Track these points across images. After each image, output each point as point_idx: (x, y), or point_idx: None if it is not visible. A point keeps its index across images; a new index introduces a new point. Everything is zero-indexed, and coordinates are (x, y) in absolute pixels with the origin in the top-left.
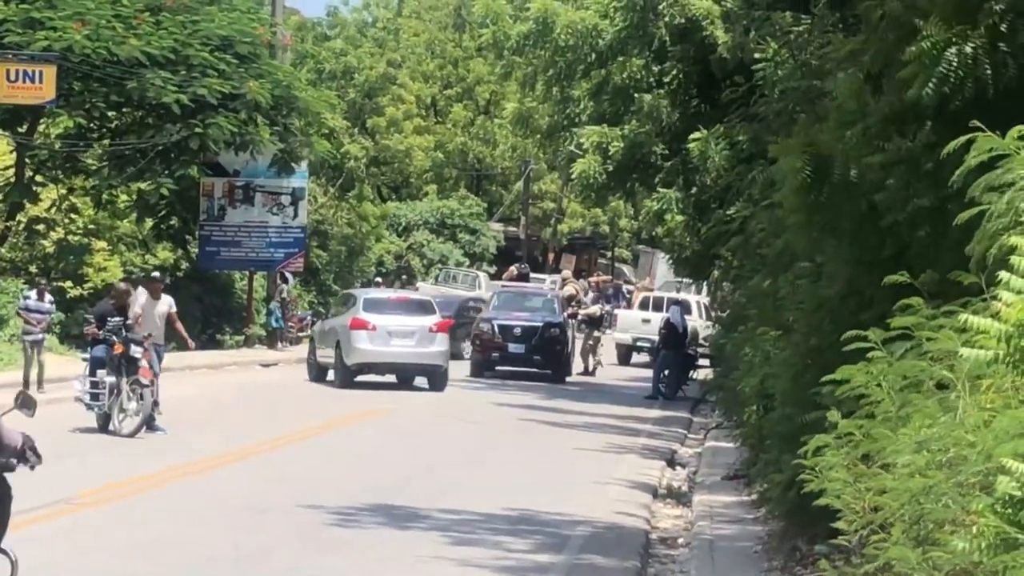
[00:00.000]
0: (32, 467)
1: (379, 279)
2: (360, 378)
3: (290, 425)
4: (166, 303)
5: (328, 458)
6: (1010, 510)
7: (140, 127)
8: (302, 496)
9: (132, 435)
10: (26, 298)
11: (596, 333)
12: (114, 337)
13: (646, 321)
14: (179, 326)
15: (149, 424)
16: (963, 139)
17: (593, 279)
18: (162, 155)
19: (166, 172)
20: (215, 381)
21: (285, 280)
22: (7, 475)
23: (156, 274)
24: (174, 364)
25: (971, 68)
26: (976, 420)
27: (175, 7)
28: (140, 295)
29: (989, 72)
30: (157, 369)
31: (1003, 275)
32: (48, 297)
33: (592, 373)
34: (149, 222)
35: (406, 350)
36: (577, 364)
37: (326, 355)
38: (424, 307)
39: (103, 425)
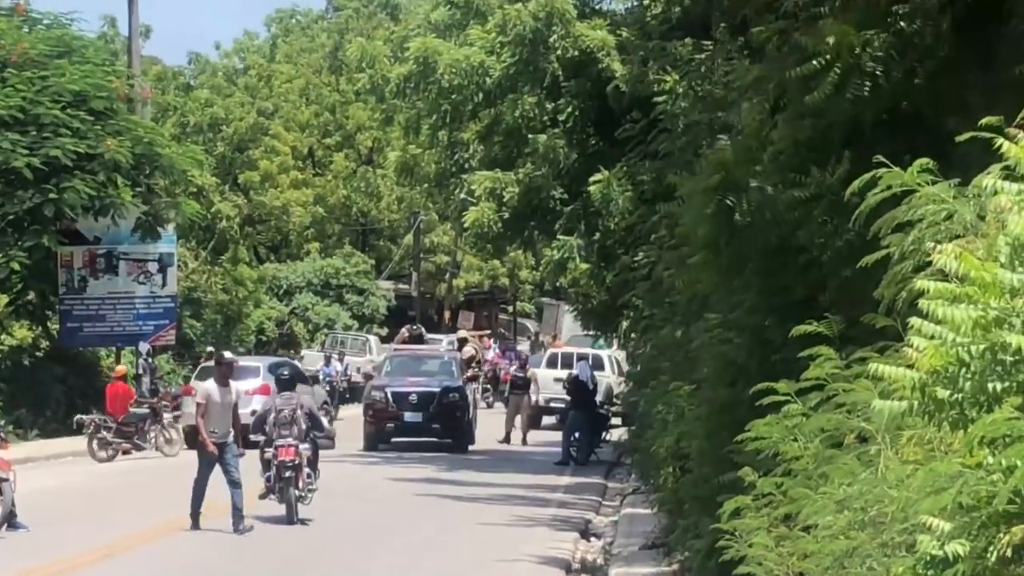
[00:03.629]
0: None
1: (211, 348)
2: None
3: (165, 514)
4: (234, 391)
5: (209, 549)
6: (932, 571)
7: None
8: None
9: None
10: None
11: (533, 397)
12: None
13: (558, 380)
14: (239, 423)
15: (10, 521)
16: (867, 176)
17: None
18: (14, 224)
19: (18, 243)
20: (83, 470)
21: (141, 355)
22: None
23: (228, 354)
24: (36, 453)
25: (882, 70)
26: (898, 475)
27: (21, 62)
28: (205, 384)
29: (898, 79)
30: (236, 476)
31: (914, 320)
32: None
33: (522, 441)
34: (3, 298)
35: None
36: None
37: None
38: (249, 372)
39: None
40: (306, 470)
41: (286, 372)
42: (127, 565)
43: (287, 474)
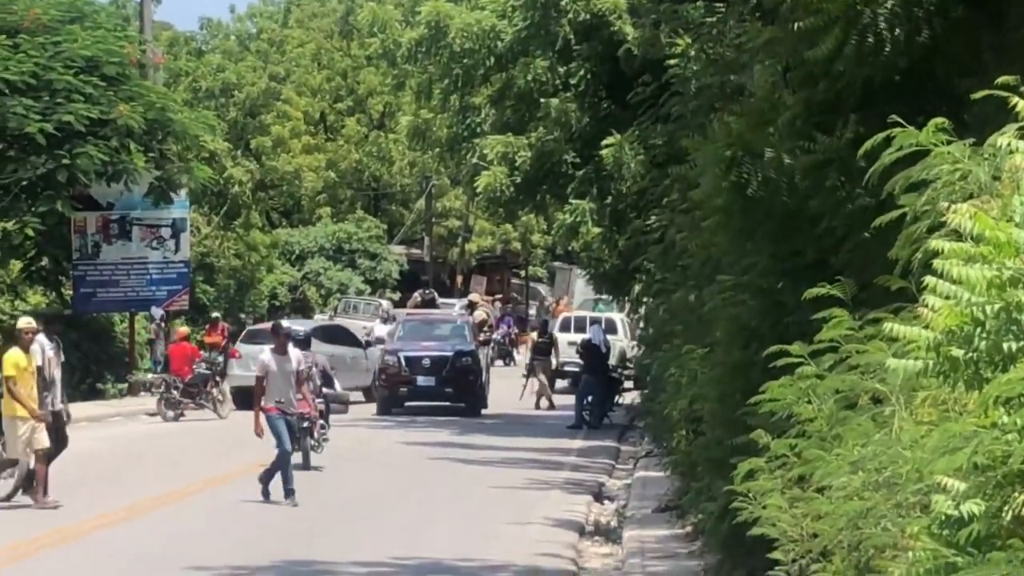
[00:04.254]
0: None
1: (216, 314)
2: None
3: (180, 478)
4: (295, 359)
5: (223, 512)
6: (947, 531)
7: (1, 161)
8: (194, 556)
9: (8, 499)
10: None
11: (553, 361)
12: None
13: (572, 344)
14: (305, 390)
15: (25, 487)
16: (882, 136)
17: (487, 300)
18: (27, 190)
19: (32, 209)
20: (97, 435)
21: (153, 319)
22: None
23: (285, 322)
24: None
25: (886, 27)
26: (912, 435)
27: (34, 28)
28: (262, 356)
29: (902, 37)
30: (288, 445)
31: (929, 280)
32: None
33: (535, 405)
34: (17, 264)
35: None
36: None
37: None
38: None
39: None
40: (320, 422)
41: (301, 333)
42: (137, 529)
43: (304, 425)
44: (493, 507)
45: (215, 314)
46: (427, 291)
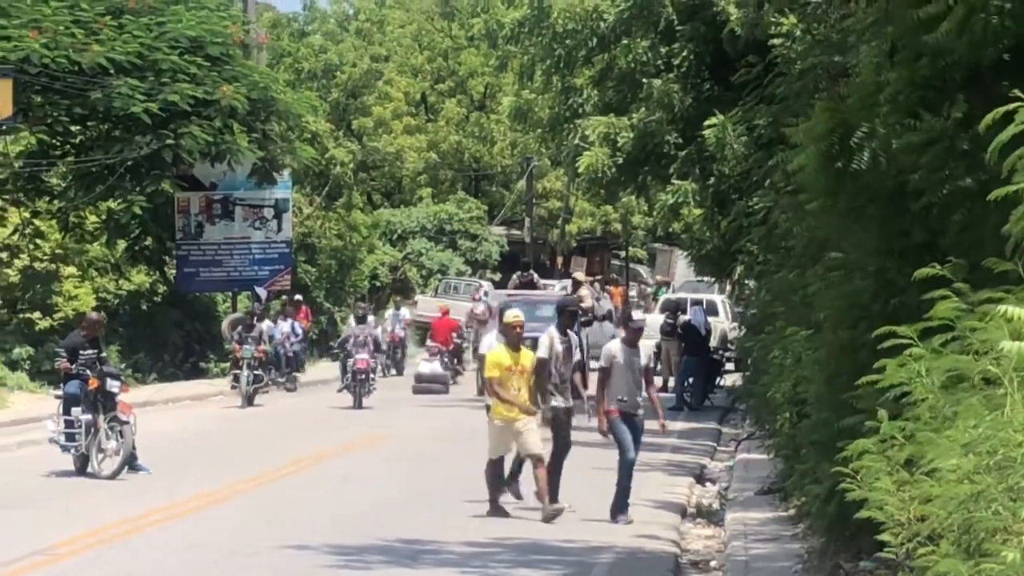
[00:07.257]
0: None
1: (299, 297)
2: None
3: (281, 457)
4: (644, 354)
5: (323, 491)
6: None
7: (107, 141)
8: (295, 535)
9: (113, 476)
10: None
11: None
12: (88, 371)
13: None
14: (653, 392)
15: (131, 463)
16: (1002, 110)
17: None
18: (132, 170)
19: (137, 189)
20: (201, 413)
21: (258, 299)
22: None
23: (639, 318)
24: (156, 397)
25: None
26: None
27: (139, 8)
28: (609, 345)
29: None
30: (632, 455)
31: None
32: None
33: (663, 387)
34: (121, 244)
35: None
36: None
37: None
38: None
39: (81, 467)
40: (372, 376)
41: (368, 311)
42: (241, 507)
43: (360, 377)
44: (595, 488)
45: (297, 297)
46: (524, 273)
